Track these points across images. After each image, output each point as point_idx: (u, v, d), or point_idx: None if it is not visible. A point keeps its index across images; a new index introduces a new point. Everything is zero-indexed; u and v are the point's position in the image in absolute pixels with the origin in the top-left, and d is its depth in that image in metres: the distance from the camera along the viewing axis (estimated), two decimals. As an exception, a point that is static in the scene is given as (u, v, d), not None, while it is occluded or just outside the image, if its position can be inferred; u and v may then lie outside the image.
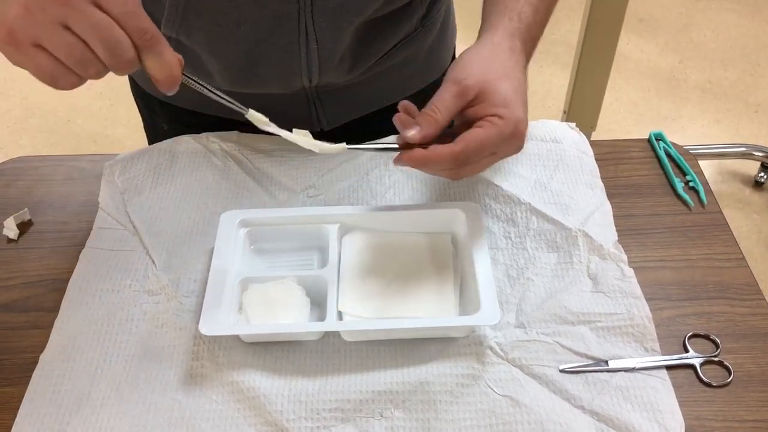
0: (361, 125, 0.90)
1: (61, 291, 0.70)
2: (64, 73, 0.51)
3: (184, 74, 0.55)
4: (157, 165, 0.81)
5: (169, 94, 0.55)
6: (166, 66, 0.53)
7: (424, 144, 0.61)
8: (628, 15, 1.70)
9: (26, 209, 0.78)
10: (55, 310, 0.68)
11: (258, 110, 0.62)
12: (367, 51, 0.81)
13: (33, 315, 0.69)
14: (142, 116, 0.99)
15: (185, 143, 0.83)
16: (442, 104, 0.62)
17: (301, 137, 0.63)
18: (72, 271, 0.71)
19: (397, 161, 0.61)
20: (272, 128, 0.62)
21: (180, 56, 0.55)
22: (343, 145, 0.64)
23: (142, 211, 0.76)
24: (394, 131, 0.87)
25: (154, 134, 0.99)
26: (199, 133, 0.85)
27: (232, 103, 0.60)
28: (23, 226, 0.77)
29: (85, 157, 0.85)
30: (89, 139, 2.32)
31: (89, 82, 0.53)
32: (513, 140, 0.61)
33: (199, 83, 0.58)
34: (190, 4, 0.73)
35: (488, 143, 0.60)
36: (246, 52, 0.76)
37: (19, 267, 0.73)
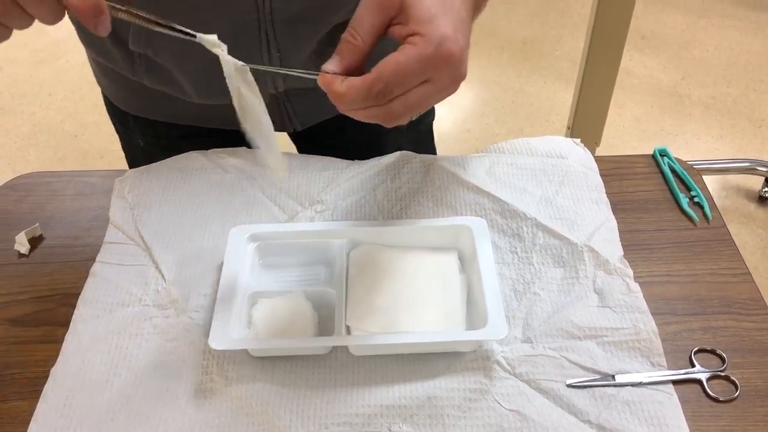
0: (337, 125, 0.90)
1: (71, 305, 0.70)
2: None
3: (114, 5, 0.52)
4: (168, 180, 0.82)
5: (102, 33, 0.52)
6: None
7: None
8: (631, 32, 1.72)
9: (37, 224, 0.79)
10: (65, 324, 0.69)
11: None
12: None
13: (44, 329, 0.69)
14: (118, 134, 0.99)
15: (195, 159, 0.84)
16: (361, 25, 0.54)
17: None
18: (82, 286, 0.72)
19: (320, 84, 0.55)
20: (223, 51, 0.57)
21: None
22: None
23: (152, 226, 0.77)
24: (375, 130, 0.88)
25: (132, 151, 0.99)
26: (176, 143, 0.85)
27: (179, 30, 0.56)
28: (34, 241, 0.78)
29: (95, 173, 0.87)
30: (96, 155, 2.34)
31: (97, 98, 0.53)
32: (443, 65, 0.52)
33: (132, 12, 0.53)
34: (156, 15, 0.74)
35: (407, 67, 0.51)
36: (210, 63, 0.77)
37: (30, 281, 0.74)
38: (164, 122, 0.92)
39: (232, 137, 0.88)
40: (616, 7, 1.67)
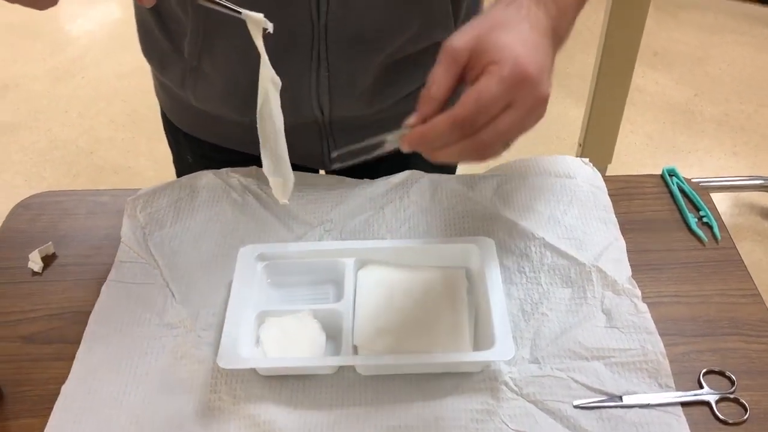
0: (376, 169, 0.90)
1: (83, 323, 0.71)
2: None
3: None
4: (178, 200, 0.83)
5: (146, 3, 0.52)
6: None
7: None
8: (643, 48, 1.72)
9: (50, 243, 0.80)
10: (77, 342, 0.69)
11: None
12: (388, 90, 0.82)
13: (56, 347, 0.70)
14: (171, 149, 1.03)
15: (205, 178, 0.85)
16: (434, 76, 0.56)
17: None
18: (94, 304, 0.73)
19: (402, 147, 0.56)
20: (268, 30, 0.58)
21: None
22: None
23: (162, 245, 0.78)
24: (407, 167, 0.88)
25: (181, 167, 1.02)
26: (220, 167, 0.87)
27: (227, 7, 0.56)
28: (47, 260, 0.79)
29: (107, 192, 0.88)
30: (110, 171, 2.36)
31: (113, 114, 0.54)
32: (521, 83, 0.52)
33: None
34: (209, 24, 0.76)
35: (487, 93, 0.52)
36: (257, 77, 0.78)
37: (42, 299, 0.75)
38: (210, 144, 0.93)
39: None
40: (626, 24, 1.68)
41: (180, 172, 1.03)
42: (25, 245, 0.80)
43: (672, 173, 0.86)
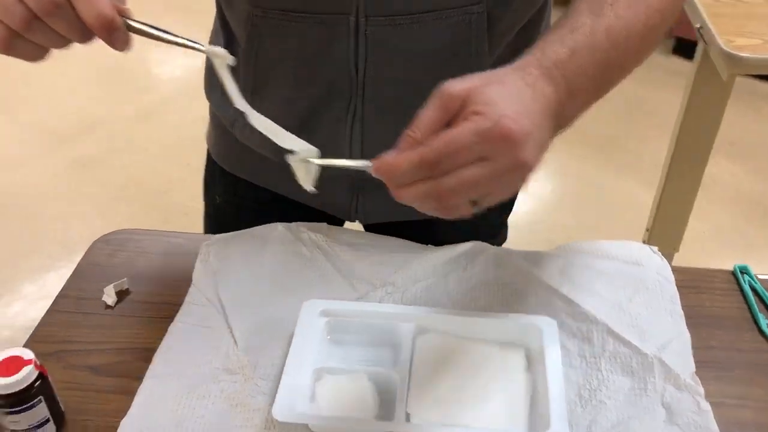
0: (402, 231, 0.90)
1: (148, 360, 0.73)
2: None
3: (128, 21, 0.53)
4: (250, 249, 0.86)
5: (119, 49, 0.53)
6: (93, 8, 0.50)
7: None
8: (719, 137, 1.70)
9: (125, 278, 0.83)
10: (140, 377, 0.72)
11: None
12: None
13: (119, 380, 0.73)
14: (204, 188, 1.08)
15: (277, 231, 0.88)
16: (422, 120, 0.54)
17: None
18: (160, 342, 0.75)
19: (371, 172, 0.56)
20: (229, 60, 0.58)
21: (123, 6, 0.53)
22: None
23: (230, 292, 0.80)
24: (437, 232, 0.89)
25: (207, 206, 1.07)
26: (251, 205, 0.89)
27: (188, 41, 0.56)
28: (121, 295, 0.82)
29: (183, 235, 0.91)
30: (180, 212, 2.44)
31: (188, 157, 0.55)
32: (499, 141, 0.51)
33: (146, 24, 0.54)
34: (259, 73, 0.79)
35: (460, 139, 0.51)
36: (300, 124, 0.79)
37: (112, 333, 0.78)
38: (247, 182, 0.97)
39: (309, 212, 0.92)
40: (705, 113, 1.67)
41: (207, 208, 1.08)
42: (101, 279, 0.84)
43: (744, 270, 0.85)
